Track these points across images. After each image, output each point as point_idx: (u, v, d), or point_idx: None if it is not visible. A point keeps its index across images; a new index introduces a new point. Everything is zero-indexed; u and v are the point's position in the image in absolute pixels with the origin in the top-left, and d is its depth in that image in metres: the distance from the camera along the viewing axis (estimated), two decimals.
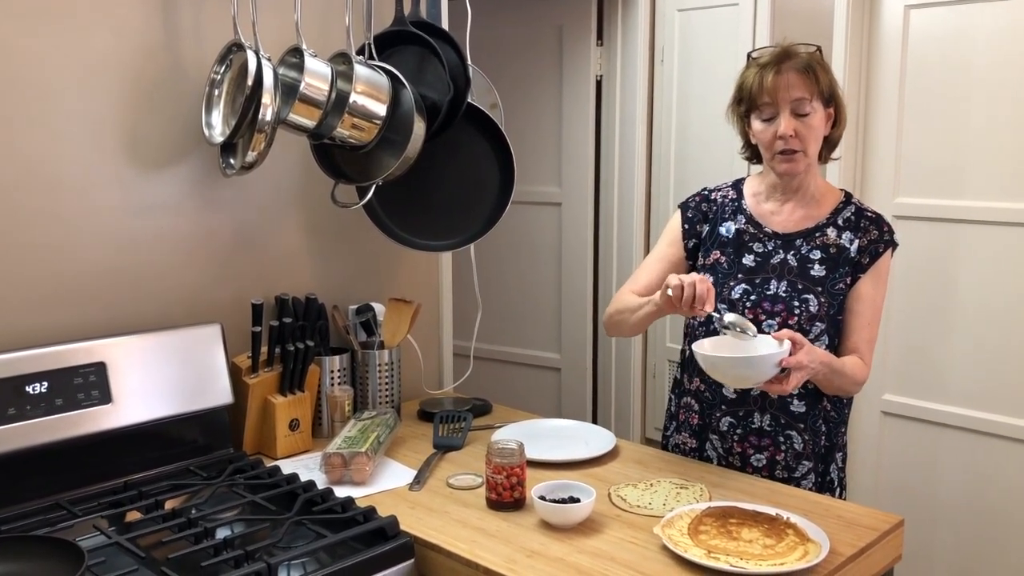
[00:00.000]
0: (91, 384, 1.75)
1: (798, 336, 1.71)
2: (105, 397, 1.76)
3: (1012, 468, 2.63)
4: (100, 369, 1.76)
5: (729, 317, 1.78)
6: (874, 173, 2.82)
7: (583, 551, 1.54)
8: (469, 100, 2.12)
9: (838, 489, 1.94)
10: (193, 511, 1.63)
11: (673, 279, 1.73)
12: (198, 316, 2.01)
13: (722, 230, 1.94)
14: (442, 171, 2.22)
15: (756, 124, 1.84)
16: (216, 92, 1.94)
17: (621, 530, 1.61)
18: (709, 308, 1.72)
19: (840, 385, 1.83)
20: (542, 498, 1.64)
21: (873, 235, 1.86)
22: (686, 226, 1.98)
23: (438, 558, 1.57)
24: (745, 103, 1.85)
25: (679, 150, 3.19)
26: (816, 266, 1.85)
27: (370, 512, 1.62)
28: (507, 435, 2.03)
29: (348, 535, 1.54)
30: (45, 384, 1.70)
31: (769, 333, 1.78)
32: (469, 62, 2.10)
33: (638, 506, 1.70)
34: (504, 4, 3.37)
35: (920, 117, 2.71)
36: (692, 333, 1.95)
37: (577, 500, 1.65)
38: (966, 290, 2.67)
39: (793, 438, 1.87)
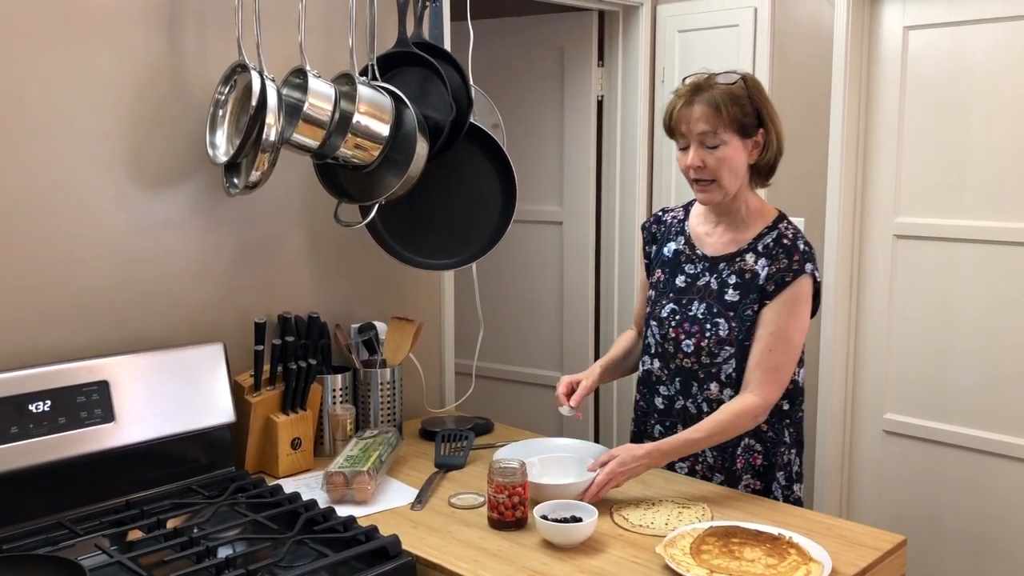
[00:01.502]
0: (94, 403, 1.75)
1: (612, 452, 1.79)
2: (108, 416, 1.76)
3: (1014, 487, 2.62)
4: (103, 388, 1.77)
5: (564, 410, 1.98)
6: (874, 193, 2.83)
7: (585, 571, 1.53)
8: (471, 120, 2.13)
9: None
10: (195, 530, 1.63)
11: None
12: (201, 335, 2.01)
13: (665, 250, 2.01)
14: (444, 190, 2.23)
15: (677, 152, 1.89)
16: (220, 112, 1.95)
17: (623, 550, 1.61)
18: (573, 405, 1.95)
19: (717, 441, 1.83)
20: (544, 517, 1.64)
21: (782, 263, 1.84)
22: (644, 248, 2.09)
23: None
24: (667, 132, 1.91)
25: (679, 170, 3.20)
26: (731, 291, 1.87)
27: (372, 531, 1.62)
28: (509, 454, 2.03)
29: (350, 554, 1.54)
30: (48, 403, 1.70)
31: (687, 352, 1.90)
32: (471, 83, 2.11)
33: (640, 525, 1.70)
34: (506, 26, 3.39)
35: (920, 137, 2.72)
36: (647, 348, 2.01)
37: (579, 519, 1.64)
38: (967, 309, 2.67)
39: (705, 453, 1.93)
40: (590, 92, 3.30)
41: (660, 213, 2.09)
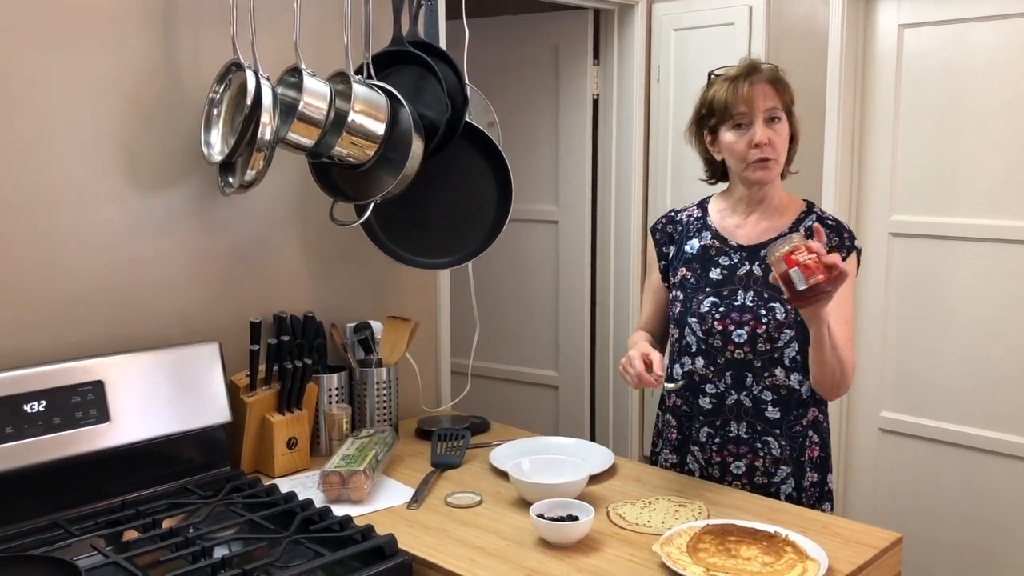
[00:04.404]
0: (89, 403, 1.75)
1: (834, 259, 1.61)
2: (103, 416, 1.76)
3: (1009, 484, 2.63)
4: (98, 388, 1.76)
5: (669, 385, 1.91)
6: (870, 191, 2.83)
7: (582, 569, 1.53)
8: (467, 119, 2.13)
9: (832, 500, 1.97)
10: (191, 530, 1.63)
11: (623, 361, 1.81)
12: (196, 334, 2.01)
13: (687, 247, 1.99)
14: (440, 189, 2.23)
15: (728, 136, 1.87)
16: (215, 111, 1.95)
17: (620, 548, 1.61)
18: (660, 374, 1.76)
19: (834, 354, 1.74)
20: (541, 516, 1.64)
21: (833, 242, 1.88)
22: (658, 250, 2.06)
23: None
24: (716, 117, 1.87)
25: (675, 168, 3.20)
26: None
27: (368, 531, 1.62)
28: (506, 453, 2.03)
29: (346, 553, 1.54)
30: (43, 403, 1.69)
31: (739, 343, 1.87)
32: (467, 81, 2.11)
33: (637, 524, 1.70)
34: (501, 24, 3.39)
35: (915, 135, 2.73)
36: (673, 349, 1.99)
37: (576, 518, 1.65)
38: (962, 307, 2.67)
39: (770, 444, 1.90)
40: (586, 90, 3.30)
41: (672, 214, 2.07)
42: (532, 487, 1.77)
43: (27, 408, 1.67)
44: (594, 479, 1.90)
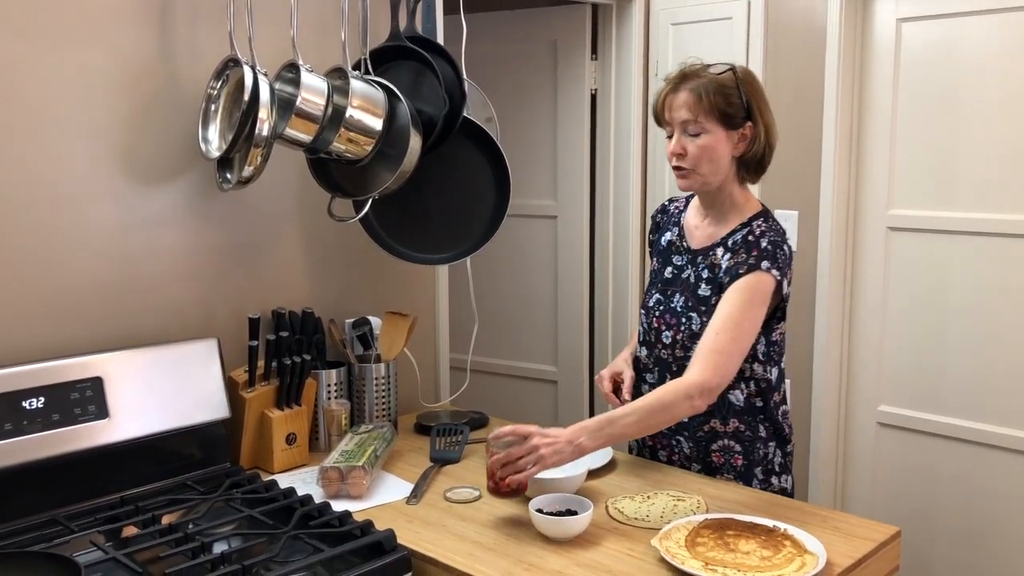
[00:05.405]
0: (88, 399, 1.75)
1: (529, 430, 1.68)
2: (102, 412, 1.76)
3: (1008, 478, 2.63)
4: (97, 384, 1.76)
5: None
6: (868, 186, 2.83)
7: (581, 564, 1.54)
8: (465, 114, 2.13)
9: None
10: (190, 526, 1.63)
11: (596, 378, 1.99)
12: (195, 330, 2.01)
13: (662, 239, 2.03)
14: (438, 185, 2.23)
15: (665, 140, 1.90)
16: (212, 107, 1.94)
17: (619, 542, 1.61)
18: (627, 397, 1.93)
19: (657, 422, 1.73)
20: (539, 511, 1.64)
21: (740, 257, 1.80)
22: (651, 236, 2.12)
23: (436, 572, 1.57)
24: (654, 118, 1.93)
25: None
26: (703, 285, 1.88)
27: (367, 526, 1.62)
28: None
29: (345, 549, 1.54)
30: (41, 399, 1.69)
31: (665, 344, 1.92)
32: (464, 76, 2.11)
33: (635, 518, 1.70)
34: (499, 19, 3.39)
35: (913, 129, 2.73)
36: (639, 335, 2.03)
37: (574, 513, 1.65)
38: (960, 301, 2.68)
39: (682, 443, 1.95)
40: (584, 85, 3.29)
41: (666, 203, 2.10)
42: (531, 482, 1.77)
43: (26, 404, 1.67)
44: (593, 474, 1.90)
